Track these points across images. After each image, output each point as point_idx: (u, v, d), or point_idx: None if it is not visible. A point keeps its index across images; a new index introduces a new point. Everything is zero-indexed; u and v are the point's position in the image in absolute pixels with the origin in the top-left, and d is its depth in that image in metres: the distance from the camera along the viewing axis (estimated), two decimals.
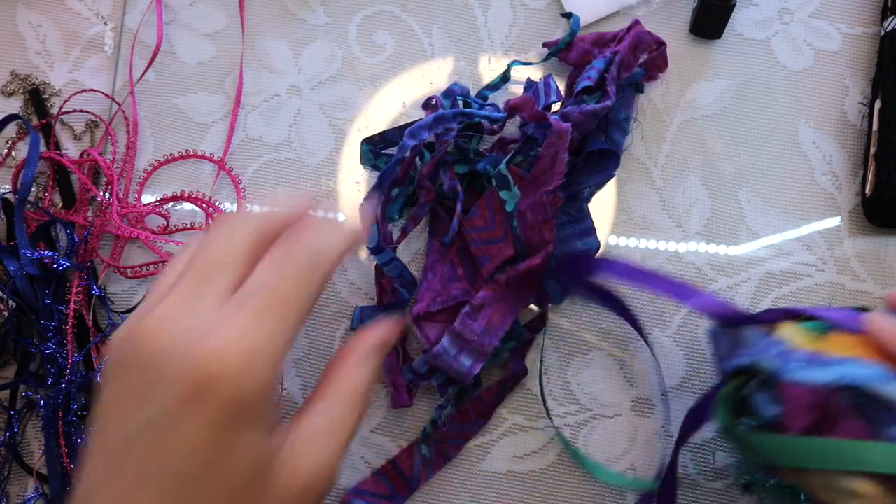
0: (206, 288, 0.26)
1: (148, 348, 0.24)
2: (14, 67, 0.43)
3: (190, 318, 0.25)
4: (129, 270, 0.41)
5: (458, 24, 0.44)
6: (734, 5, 0.41)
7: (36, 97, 0.43)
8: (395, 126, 0.42)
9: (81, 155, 0.43)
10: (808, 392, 0.31)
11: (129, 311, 0.41)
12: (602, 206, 0.42)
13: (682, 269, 0.42)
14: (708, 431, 0.40)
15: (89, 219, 0.41)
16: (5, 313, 0.40)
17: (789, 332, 0.33)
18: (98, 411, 0.26)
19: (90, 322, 0.40)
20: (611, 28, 0.43)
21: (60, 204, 0.42)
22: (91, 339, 0.40)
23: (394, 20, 0.44)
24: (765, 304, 0.41)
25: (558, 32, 0.43)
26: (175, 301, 0.26)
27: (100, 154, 0.42)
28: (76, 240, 0.40)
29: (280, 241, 0.28)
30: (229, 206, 0.42)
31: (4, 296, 0.39)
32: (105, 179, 0.42)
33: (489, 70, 0.43)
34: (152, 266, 0.41)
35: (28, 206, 0.41)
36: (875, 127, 0.41)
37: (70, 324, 0.40)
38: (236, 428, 0.24)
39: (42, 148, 0.42)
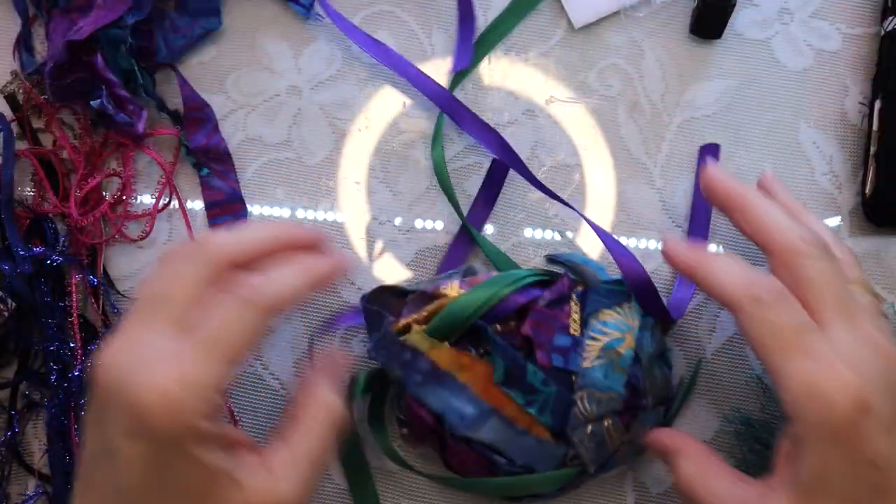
0: (150, 323, 0.28)
1: (99, 382, 0.28)
2: (15, 67, 0.43)
3: (132, 353, 0.28)
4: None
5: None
6: (734, 5, 0.41)
7: (13, 100, 0.42)
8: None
9: (53, 143, 0.42)
10: (426, 415, 0.35)
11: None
12: (602, 205, 0.42)
13: None
14: (708, 432, 0.40)
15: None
16: (6, 314, 0.40)
17: (416, 338, 0.35)
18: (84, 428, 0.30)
19: (99, 312, 0.41)
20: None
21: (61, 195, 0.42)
22: (98, 331, 0.41)
23: (394, 20, 0.44)
24: None
25: (558, 33, 0.43)
26: (121, 335, 0.29)
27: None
28: (60, 234, 0.41)
29: (236, 281, 0.30)
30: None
31: (4, 295, 0.39)
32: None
33: (489, 70, 0.43)
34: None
35: (17, 204, 0.41)
36: (875, 127, 0.41)
37: (75, 316, 0.40)
38: (175, 453, 0.27)
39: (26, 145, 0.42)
